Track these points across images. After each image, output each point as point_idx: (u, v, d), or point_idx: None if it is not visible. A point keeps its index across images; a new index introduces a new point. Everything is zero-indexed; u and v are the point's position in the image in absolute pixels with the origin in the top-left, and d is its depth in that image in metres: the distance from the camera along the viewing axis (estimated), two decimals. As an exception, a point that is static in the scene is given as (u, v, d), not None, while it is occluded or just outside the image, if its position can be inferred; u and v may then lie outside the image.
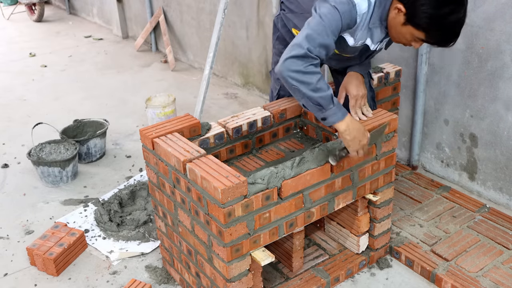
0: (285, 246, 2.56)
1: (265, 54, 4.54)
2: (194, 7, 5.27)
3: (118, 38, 6.77)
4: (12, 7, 8.42)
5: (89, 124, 3.96)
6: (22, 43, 6.81)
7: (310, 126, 2.67)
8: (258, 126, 2.56)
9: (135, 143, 4.09)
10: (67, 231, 2.91)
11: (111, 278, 2.73)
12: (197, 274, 2.40)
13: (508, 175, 2.99)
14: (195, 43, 5.49)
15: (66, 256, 2.79)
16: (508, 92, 2.84)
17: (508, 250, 2.68)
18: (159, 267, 2.77)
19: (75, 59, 6.12)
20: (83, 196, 3.45)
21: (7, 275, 2.78)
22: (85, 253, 2.91)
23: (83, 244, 2.92)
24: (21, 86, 5.39)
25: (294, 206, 2.21)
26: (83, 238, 2.93)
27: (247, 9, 4.57)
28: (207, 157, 2.15)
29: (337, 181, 2.32)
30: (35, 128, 3.76)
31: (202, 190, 2.06)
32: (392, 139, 2.45)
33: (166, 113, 4.10)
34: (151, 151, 2.36)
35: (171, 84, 5.26)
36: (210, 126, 2.48)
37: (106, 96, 5.03)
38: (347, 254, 2.69)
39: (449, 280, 2.49)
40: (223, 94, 4.94)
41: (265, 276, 2.55)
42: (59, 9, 8.45)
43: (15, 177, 3.72)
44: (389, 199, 2.60)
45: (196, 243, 2.28)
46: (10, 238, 3.07)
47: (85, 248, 2.93)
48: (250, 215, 2.07)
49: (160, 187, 2.42)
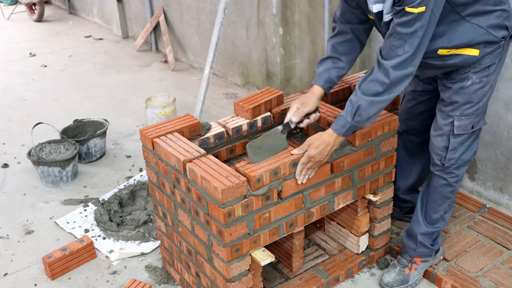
0: (285, 246, 2.56)
1: (265, 54, 4.54)
2: (194, 7, 5.26)
3: (118, 38, 6.77)
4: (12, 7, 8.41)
5: (89, 124, 3.96)
6: (22, 43, 6.80)
7: (310, 126, 2.66)
8: (258, 126, 2.56)
9: (135, 143, 4.09)
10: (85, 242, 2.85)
11: (111, 278, 2.73)
12: (197, 274, 2.40)
13: (508, 175, 2.99)
14: (195, 43, 5.49)
15: (66, 262, 2.75)
16: (508, 92, 2.84)
17: (508, 250, 2.68)
18: (159, 267, 2.77)
19: (75, 59, 6.12)
20: (83, 196, 3.45)
21: (7, 275, 2.79)
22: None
23: (91, 254, 2.84)
24: (21, 86, 5.38)
25: (294, 206, 2.21)
26: (92, 247, 2.85)
27: (247, 9, 4.57)
28: (207, 157, 2.15)
29: (337, 181, 2.32)
30: (35, 128, 3.76)
31: (202, 190, 2.06)
32: (392, 139, 2.45)
33: (166, 113, 4.10)
34: (151, 151, 2.36)
35: (171, 84, 5.26)
36: (210, 126, 2.48)
37: (106, 96, 5.03)
38: (347, 254, 2.69)
39: (449, 280, 2.49)
40: (223, 94, 4.93)
41: (265, 276, 2.55)
42: (59, 9, 8.44)
43: (15, 177, 3.72)
44: (389, 199, 2.60)
45: (196, 243, 2.28)
46: (10, 238, 3.07)
47: (93, 257, 2.85)
48: (250, 215, 2.07)
49: (160, 187, 2.42)
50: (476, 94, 2.20)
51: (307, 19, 3.97)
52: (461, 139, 2.28)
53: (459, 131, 2.26)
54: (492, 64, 2.17)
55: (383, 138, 2.40)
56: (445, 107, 2.28)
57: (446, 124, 2.28)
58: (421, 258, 2.53)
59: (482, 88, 2.20)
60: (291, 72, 4.31)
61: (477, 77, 2.18)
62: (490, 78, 2.19)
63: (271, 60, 4.50)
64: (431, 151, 2.39)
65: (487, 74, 2.18)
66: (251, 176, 2.01)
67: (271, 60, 4.50)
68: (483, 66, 2.16)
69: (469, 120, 2.25)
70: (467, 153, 2.33)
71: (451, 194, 2.43)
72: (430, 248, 2.50)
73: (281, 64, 4.39)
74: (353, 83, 2.84)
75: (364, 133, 2.30)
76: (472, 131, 2.28)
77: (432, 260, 2.57)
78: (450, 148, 2.30)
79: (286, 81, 4.41)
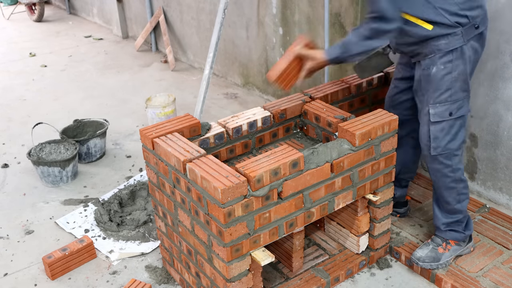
0: (285, 246, 2.56)
1: (265, 54, 4.54)
2: (194, 7, 5.27)
3: (118, 38, 6.77)
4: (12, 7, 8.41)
5: (89, 124, 3.96)
6: (22, 43, 6.80)
7: (310, 126, 2.67)
8: (258, 126, 2.56)
9: (135, 143, 4.09)
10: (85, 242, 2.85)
11: (111, 278, 2.73)
12: (197, 274, 2.40)
13: (508, 175, 2.99)
14: (195, 43, 5.49)
15: (66, 262, 2.75)
16: (508, 92, 2.84)
17: (508, 250, 2.67)
18: (159, 267, 2.77)
19: (75, 59, 6.12)
20: (83, 196, 3.45)
21: (7, 275, 2.79)
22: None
23: (91, 254, 2.84)
24: (21, 86, 5.38)
25: (294, 206, 2.21)
26: (92, 247, 2.85)
27: (247, 9, 4.57)
28: (207, 157, 2.15)
29: (337, 181, 2.32)
30: (35, 128, 3.76)
31: (202, 190, 2.06)
32: (392, 139, 2.45)
33: (166, 113, 4.10)
34: (151, 151, 2.36)
35: (171, 84, 5.26)
36: (210, 126, 2.48)
37: (106, 96, 5.03)
38: (347, 254, 2.69)
39: (449, 280, 2.49)
40: (223, 94, 4.93)
41: (265, 276, 2.55)
42: (59, 9, 8.44)
43: (15, 177, 3.72)
44: (389, 199, 2.60)
45: (196, 243, 2.28)
46: (10, 238, 3.07)
47: (93, 257, 2.86)
48: (250, 215, 2.07)
49: (160, 187, 2.42)
50: (444, 80, 2.31)
51: (307, 19, 3.97)
52: (440, 127, 2.37)
53: (435, 119, 2.36)
54: (454, 50, 2.27)
55: (383, 138, 2.40)
56: (420, 96, 2.42)
57: (425, 114, 2.41)
58: (455, 241, 2.57)
59: (448, 74, 2.29)
60: (291, 72, 4.31)
61: (440, 63, 2.30)
62: (456, 64, 2.28)
63: (271, 60, 4.50)
64: (420, 142, 2.49)
65: (450, 60, 2.28)
66: (251, 176, 2.01)
67: (271, 60, 4.50)
68: (444, 51, 2.27)
69: (444, 107, 2.34)
70: (453, 142, 2.39)
71: (454, 184, 2.47)
72: (461, 233, 2.57)
73: (281, 64, 4.38)
74: (353, 83, 2.85)
75: (364, 133, 2.30)
76: (451, 118, 2.35)
77: (465, 246, 2.61)
78: (432, 136, 2.39)
79: (286, 81, 4.41)
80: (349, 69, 3.69)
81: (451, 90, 2.32)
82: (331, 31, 3.69)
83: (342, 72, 3.75)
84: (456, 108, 2.35)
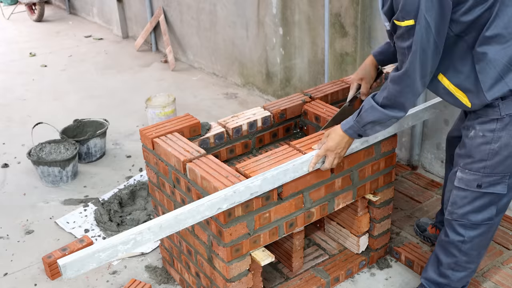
0: (285, 246, 2.56)
1: (265, 54, 4.54)
2: (194, 7, 5.27)
3: (118, 38, 6.77)
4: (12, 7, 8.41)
5: (89, 124, 3.96)
6: (22, 43, 6.80)
7: (310, 126, 2.66)
8: (258, 126, 2.56)
9: (135, 143, 4.09)
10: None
11: (111, 278, 2.73)
12: (197, 274, 2.40)
13: (508, 175, 2.97)
14: (195, 43, 5.49)
15: None
16: (508, 92, 2.83)
17: (508, 250, 2.68)
18: (159, 267, 2.77)
19: (75, 59, 6.12)
20: (83, 196, 3.45)
21: (7, 275, 2.79)
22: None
23: None
24: (21, 86, 5.38)
25: (294, 206, 2.21)
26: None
27: (247, 9, 4.57)
28: (207, 157, 2.15)
29: (337, 181, 2.32)
30: (35, 128, 3.76)
31: (202, 190, 2.06)
32: (392, 139, 2.45)
33: (166, 113, 4.10)
34: (151, 151, 2.36)
35: (171, 84, 5.26)
36: (210, 126, 2.48)
37: (106, 96, 5.03)
38: (347, 254, 2.69)
39: (449, 280, 2.48)
40: (223, 94, 4.94)
41: (265, 276, 2.55)
42: (59, 9, 8.44)
43: (15, 177, 3.72)
44: (389, 199, 2.60)
45: (196, 243, 2.28)
46: (10, 238, 3.07)
47: None
48: (250, 215, 2.07)
49: (160, 187, 2.42)
50: (479, 149, 1.94)
51: (307, 19, 3.97)
52: (463, 194, 2.04)
53: (460, 184, 2.04)
54: (500, 118, 1.88)
55: (383, 138, 2.40)
56: (457, 149, 2.08)
57: (453, 172, 2.09)
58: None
59: (487, 145, 1.92)
60: (291, 72, 4.31)
61: (480, 129, 1.94)
62: (498, 135, 1.90)
63: (271, 60, 4.50)
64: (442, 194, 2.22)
65: (492, 129, 1.90)
66: (251, 176, 2.01)
67: (271, 60, 4.50)
68: (488, 118, 1.91)
69: (474, 176, 1.99)
70: (475, 215, 2.04)
71: (456, 252, 2.14)
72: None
73: (281, 64, 4.39)
74: (353, 83, 2.84)
75: (364, 133, 2.30)
76: (479, 191, 1.99)
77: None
78: (451, 200, 2.09)
79: (286, 81, 4.41)
80: (349, 69, 3.69)
81: (486, 162, 1.94)
82: (331, 31, 3.69)
83: (342, 72, 3.75)
84: (489, 182, 1.97)
